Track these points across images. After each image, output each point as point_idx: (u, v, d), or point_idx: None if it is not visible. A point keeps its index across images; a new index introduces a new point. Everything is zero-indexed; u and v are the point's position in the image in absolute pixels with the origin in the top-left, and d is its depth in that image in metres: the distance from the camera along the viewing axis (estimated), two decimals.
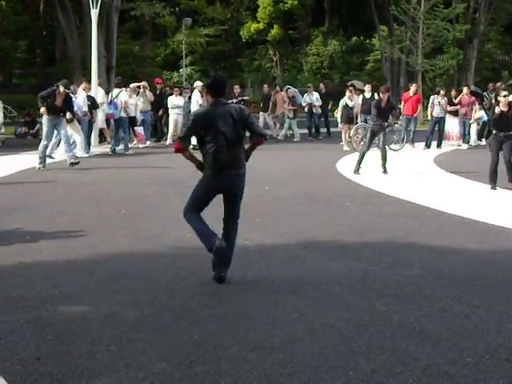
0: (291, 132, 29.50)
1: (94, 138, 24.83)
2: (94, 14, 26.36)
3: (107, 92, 25.50)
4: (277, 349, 5.85)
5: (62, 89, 18.43)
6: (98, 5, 26.37)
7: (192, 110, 24.88)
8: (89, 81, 26.45)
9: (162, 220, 11.25)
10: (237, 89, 29.09)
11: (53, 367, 5.47)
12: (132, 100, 24.01)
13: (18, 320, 6.50)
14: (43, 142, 18.34)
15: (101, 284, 7.78)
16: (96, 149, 24.04)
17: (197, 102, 25.04)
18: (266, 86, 32.80)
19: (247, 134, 8.02)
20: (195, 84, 26.88)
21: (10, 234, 10.28)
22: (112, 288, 7.57)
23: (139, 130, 25.20)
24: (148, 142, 25.76)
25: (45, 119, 18.37)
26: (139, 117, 24.96)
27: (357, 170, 17.50)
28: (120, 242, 9.73)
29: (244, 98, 29.85)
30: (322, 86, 33.01)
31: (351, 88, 27.53)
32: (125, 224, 11.02)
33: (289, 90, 30.21)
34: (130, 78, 33.67)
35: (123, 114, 23.27)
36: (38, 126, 28.98)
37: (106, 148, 24.19)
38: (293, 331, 6.27)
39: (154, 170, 18.16)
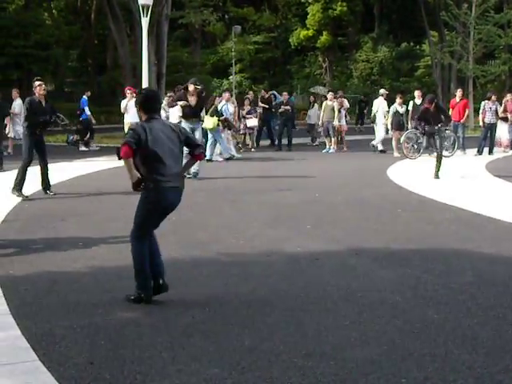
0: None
1: None
2: (145, 22, 26.58)
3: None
4: (328, 356, 5.83)
5: (191, 87, 18.35)
6: (149, 13, 26.59)
7: (379, 118, 25.22)
8: (140, 88, 26.72)
9: (213, 227, 11.30)
10: (285, 95, 29.14)
11: (106, 372, 5.52)
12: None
13: (72, 325, 6.58)
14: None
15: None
16: None
17: (383, 108, 25.31)
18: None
19: None
20: (381, 91, 26.86)
21: (63, 241, 10.40)
22: (163, 294, 7.60)
23: None
24: None
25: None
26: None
27: (437, 175, 17.50)
28: (171, 248, 9.77)
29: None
30: (251, 93, 31.80)
31: (337, 95, 27.83)
32: (175, 231, 11.07)
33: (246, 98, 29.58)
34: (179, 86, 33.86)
35: None
36: (89, 133, 29.27)
37: None
38: (344, 338, 6.25)
39: (205, 177, 18.21)
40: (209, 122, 21.08)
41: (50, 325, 6.61)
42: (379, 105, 25.96)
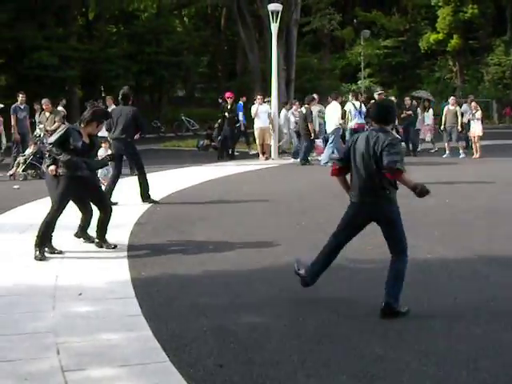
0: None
1: None
2: (274, 27, 26.74)
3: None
4: (460, 365, 5.71)
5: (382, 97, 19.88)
6: (278, 19, 26.75)
7: None
8: (269, 94, 26.91)
9: None
10: (407, 100, 28.71)
11: (235, 375, 5.57)
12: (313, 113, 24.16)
13: (202, 328, 6.66)
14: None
15: (281, 294, 7.86)
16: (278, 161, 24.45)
17: None
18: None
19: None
20: None
21: (193, 244, 10.56)
22: (292, 298, 7.63)
23: (318, 142, 25.18)
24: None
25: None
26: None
27: None
28: (300, 252, 9.76)
29: None
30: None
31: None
32: (304, 235, 11.08)
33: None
34: (308, 91, 33.88)
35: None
36: (219, 138, 29.66)
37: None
38: (476, 347, 6.11)
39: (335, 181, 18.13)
40: None
41: (180, 326, 6.72)
42: None
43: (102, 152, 15.40)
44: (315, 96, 25.22)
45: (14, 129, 21.55)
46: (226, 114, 26.08)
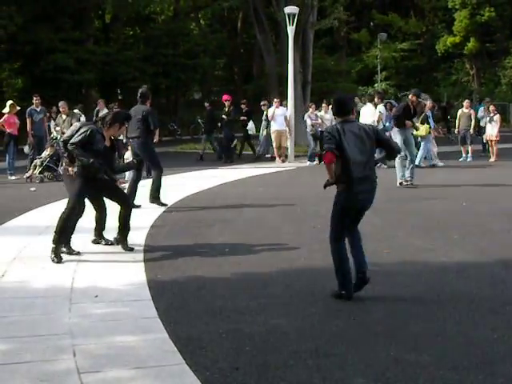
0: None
1: None
2: (291, 30, 26.75)
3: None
4: (476, 369, 5.68)
5: (413, 98, 18.81)
6: (295, 22, 26.74)
7: None
8: (285, 97, 26.92)
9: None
10: (429, 104, 28.61)
11: (250, 378, 5.56)
12: (328, 116, 24.20)
13: (218, 330, 6.66)
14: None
15: (298, 297, 7.85)
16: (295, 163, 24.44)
17: None
18: None
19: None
20: None
21: (210, 246, 10.58)
22: (309, 301, 7.61)
23: None
24: None
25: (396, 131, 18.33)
26: None
27: None
28: (316, 256, 9.77)
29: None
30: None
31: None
32: (320, 239, 11.05)
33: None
34: (324, 94, 33.84)
35: None
36: (235, 141, 29.63)
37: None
38: (493, 352, 6.08)
39: None
40: (421, 129, 21.59)
41: (196, 329, 6.72)
42: None
43: (128, 155, 15.40)
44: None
45: (29, 131, 21.69)
46: (224, 116, 26.30)
